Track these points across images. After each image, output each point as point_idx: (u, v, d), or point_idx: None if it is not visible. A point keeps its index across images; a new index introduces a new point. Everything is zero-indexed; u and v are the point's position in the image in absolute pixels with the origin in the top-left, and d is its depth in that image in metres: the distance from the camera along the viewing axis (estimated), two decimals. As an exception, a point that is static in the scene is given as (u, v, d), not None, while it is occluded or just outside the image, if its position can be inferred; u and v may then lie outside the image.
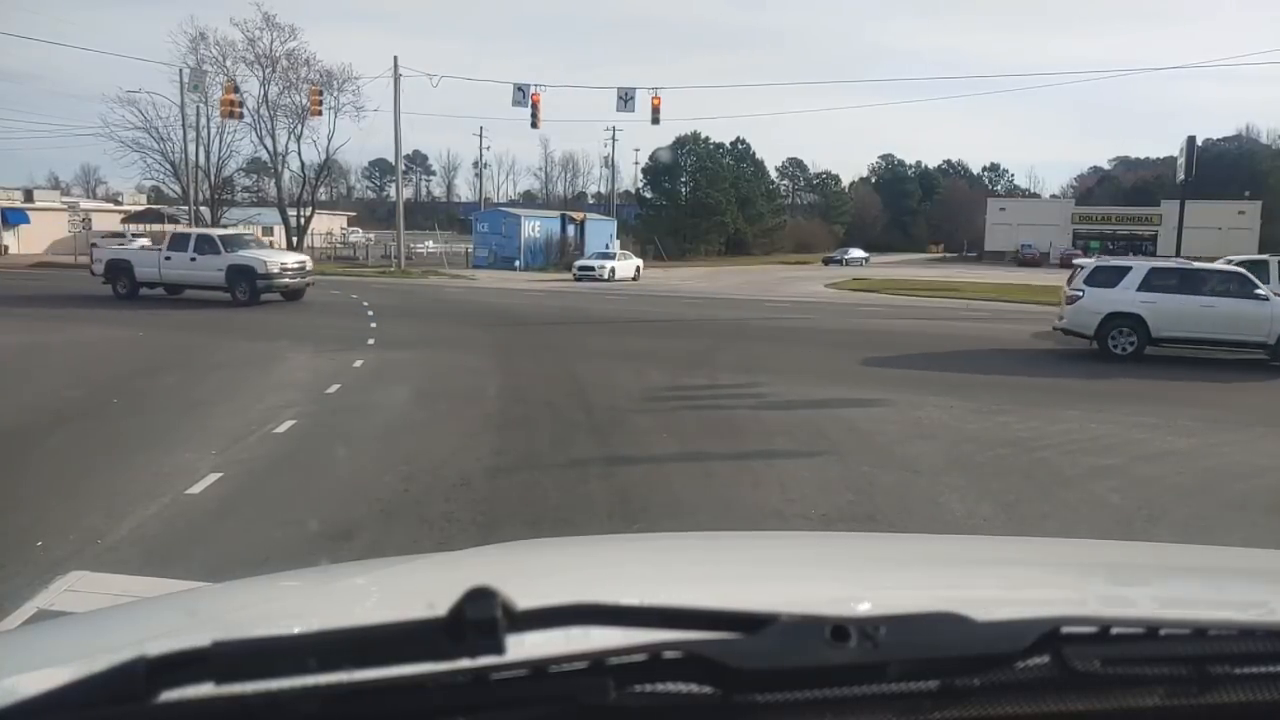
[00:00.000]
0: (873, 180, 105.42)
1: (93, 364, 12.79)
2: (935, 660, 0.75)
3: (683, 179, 70.72)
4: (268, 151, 45.83)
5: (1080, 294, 14.90)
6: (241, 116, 41.17)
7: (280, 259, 23.05)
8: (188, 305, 21.82)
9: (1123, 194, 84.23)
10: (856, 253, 64.59)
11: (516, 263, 44.11)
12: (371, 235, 60.77)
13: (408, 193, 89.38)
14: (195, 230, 25.61)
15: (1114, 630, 0.81)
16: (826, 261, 61.21)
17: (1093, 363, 14.47)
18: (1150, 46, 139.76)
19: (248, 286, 21.76)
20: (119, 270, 23.49)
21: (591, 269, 37.31)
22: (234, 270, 21.93)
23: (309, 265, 23.91)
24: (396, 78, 39.03)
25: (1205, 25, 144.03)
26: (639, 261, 41.36)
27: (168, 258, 22.85)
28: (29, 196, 57.82)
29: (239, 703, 0.68)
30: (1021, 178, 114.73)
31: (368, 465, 7.15)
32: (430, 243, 52.88)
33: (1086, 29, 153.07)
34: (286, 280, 22.36)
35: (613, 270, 37.48)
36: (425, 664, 0.69)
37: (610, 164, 72.09)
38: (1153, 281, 14.65)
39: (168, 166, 44.20)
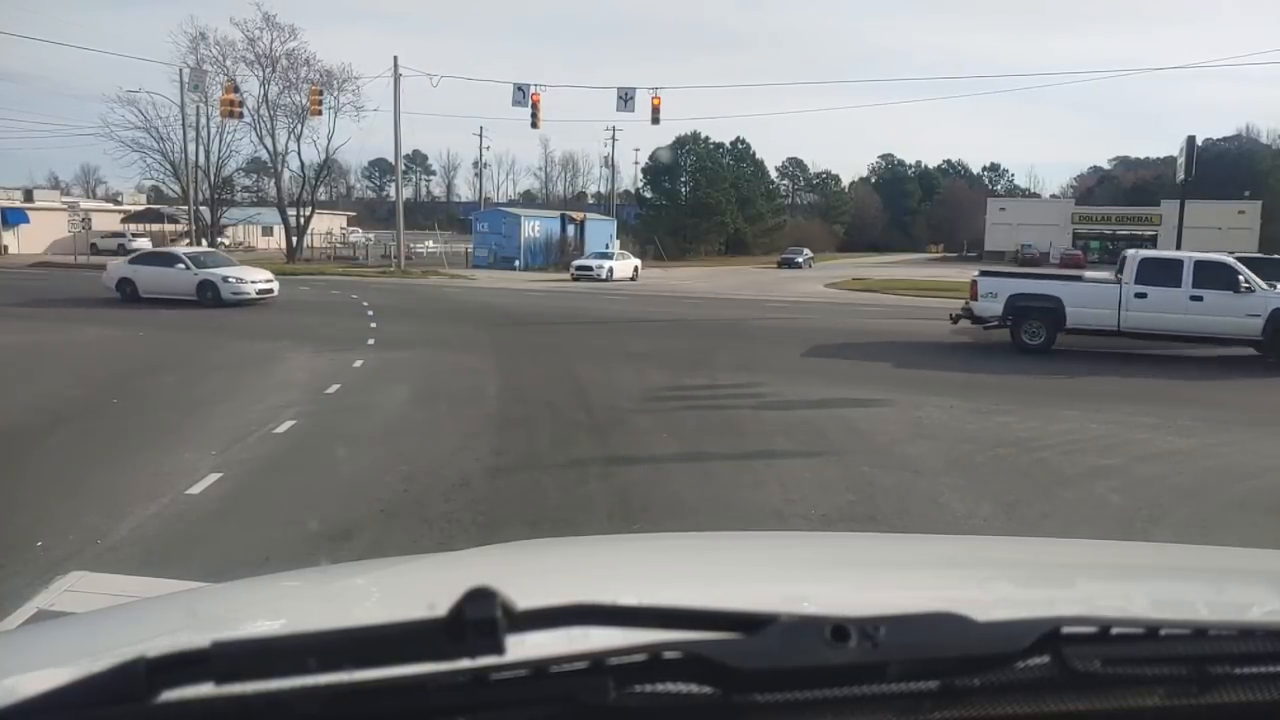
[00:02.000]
0: (873, 180, 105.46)
1: (93, 364, 12.79)
2: (935, 660, 0.75)
3: (683, 179, 70.70)
4: (268, 151, 45.94)
5: None
6: (241, 116, 41.20)
7: None
8: (173, 308, 21.74)
9: (1123, 194, 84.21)
10: (807, 253, 61.36)
11: (516, 263, 44.10)
12: (371, 235, 60.71)
13: (408, 192, 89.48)
14: (1191, 255, 15.74)
15: (1114, 630, 0.81)
16: (782, 264, 56.52)
17: (1093, 363, 14.46)
18: (1151, 46, 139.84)
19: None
20: (1034, 310, 15.51)
21: (589, 268, 37.26)
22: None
23: None
24: (396, 78, 39.02)
25: (1206, 25, 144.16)
26: (637, 261, 41.32)
27: (1141, 295, 14.90)
28: (29, 196, 57.84)
29: (239, 703, 0.68)
30: (1021, 178, 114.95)
31: (368, 465, 7.15)
32: (430, 243, 52.82)
33: (1087, 29, 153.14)
34: None
35: (610, 270, 37.41)
36: (425, 664, 0.69)
37: (610, 164, 72.30)
38: None
39: (168, 166, 44.27)
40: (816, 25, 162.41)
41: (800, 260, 56.75)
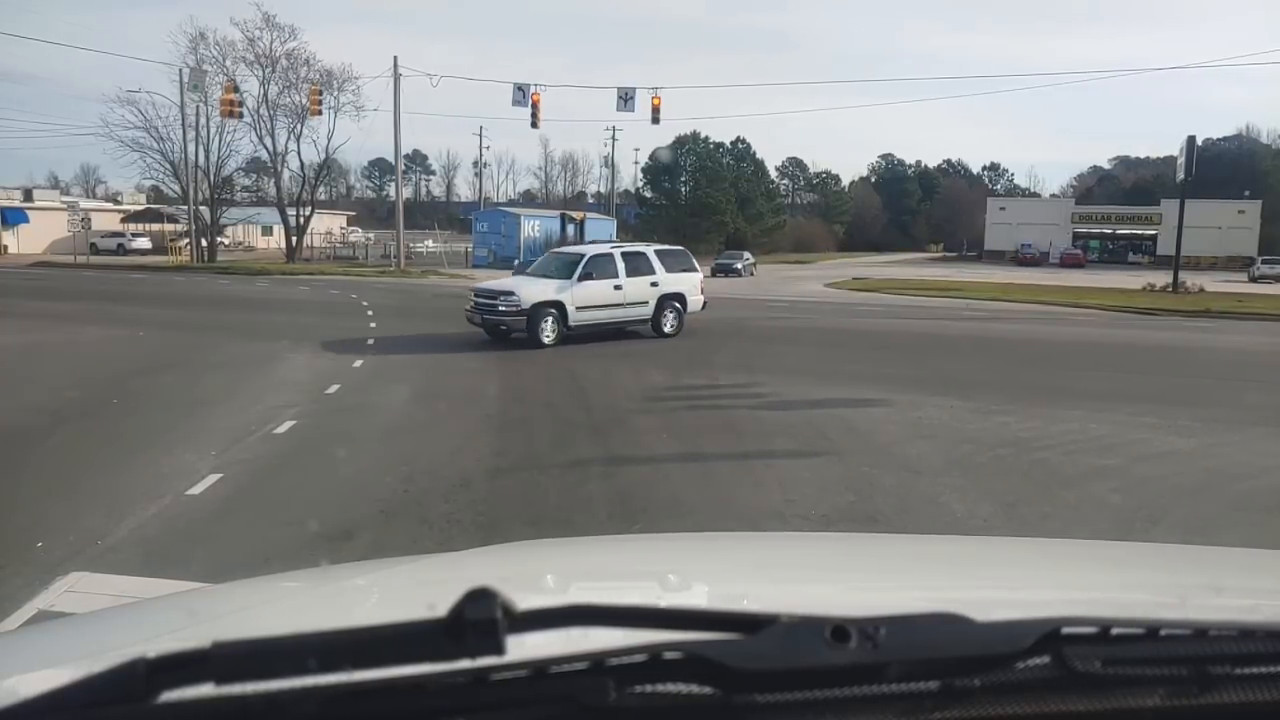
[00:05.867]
0: (873, 180, 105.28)
1: (92, 364, 12.79)
2: (935, 661, 0.75)
3: (683, 179, 70.70)
4: (267, 151, 45.97)
5: None
6: (241, 116, 41.28)
7: None
8: (186, 303, 21.73)
9: (1123, 194, 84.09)
10: (747, 257, 50.75)
11: (516, 262, 44.06)
12: (371, 235, 60.74)
13: (407, 192, 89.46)
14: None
15: (1114, 631, 0.81)
16: (716, 271, 43.74)
17: (1091, 363, 14.47)
18: (1150, 46, 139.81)
19: None
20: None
21: None
22: None
23: None
24: (396, 78, 39.03)
25: (1205, 25, 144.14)
26: None
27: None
28: (29, 196, 57.86)
29: (239, 703, 0.67)
30: (1021, 177, 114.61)
31: (368, 466, 7.15)
32: (430, 242, 52.84)
33: (1086, 29, 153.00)
34: None
35: None
36: (425, 665, 0.69)
37: (610, 164, 72.18)
38: None
39: (167, 166, 44.33)
40: (816, 25, 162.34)
41: (739, 266, 45.98)
